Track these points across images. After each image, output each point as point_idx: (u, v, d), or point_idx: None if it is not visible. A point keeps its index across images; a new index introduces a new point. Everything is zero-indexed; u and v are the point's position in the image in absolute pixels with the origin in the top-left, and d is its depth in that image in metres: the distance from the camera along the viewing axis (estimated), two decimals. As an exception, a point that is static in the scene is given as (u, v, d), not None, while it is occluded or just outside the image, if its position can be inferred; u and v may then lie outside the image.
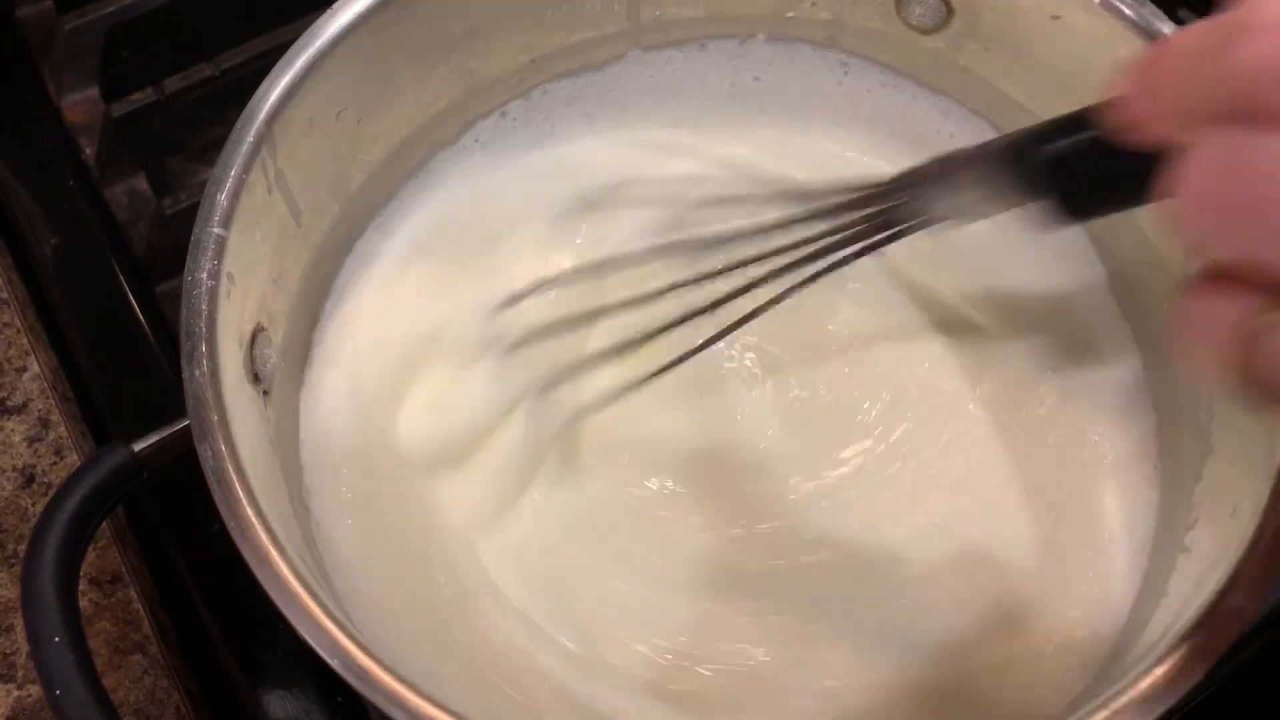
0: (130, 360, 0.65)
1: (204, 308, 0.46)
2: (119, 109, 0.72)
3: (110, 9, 0.70)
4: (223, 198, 0.49)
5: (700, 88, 0.68)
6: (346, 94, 0.56)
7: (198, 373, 0.44)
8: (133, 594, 0.61)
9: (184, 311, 0.46)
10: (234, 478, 0.42)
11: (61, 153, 0.70)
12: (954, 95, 0.66)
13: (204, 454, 0.42)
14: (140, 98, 0.73)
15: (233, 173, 0.49)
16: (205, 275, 0.47)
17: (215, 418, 0.44)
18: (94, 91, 0.70)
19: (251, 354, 0.50)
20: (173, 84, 0.74)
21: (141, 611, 0.61)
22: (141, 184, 0.69)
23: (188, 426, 0.44)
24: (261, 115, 0.51)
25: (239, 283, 0.49)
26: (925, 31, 0.63)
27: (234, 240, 0.49)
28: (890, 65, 0.66)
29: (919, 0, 0.61)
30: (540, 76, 0.66)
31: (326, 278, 0.61)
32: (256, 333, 0.51)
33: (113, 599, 0.61)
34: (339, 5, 0.54)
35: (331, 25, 0.53)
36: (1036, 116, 0.61)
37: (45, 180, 0.69)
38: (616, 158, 0.67)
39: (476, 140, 0.66)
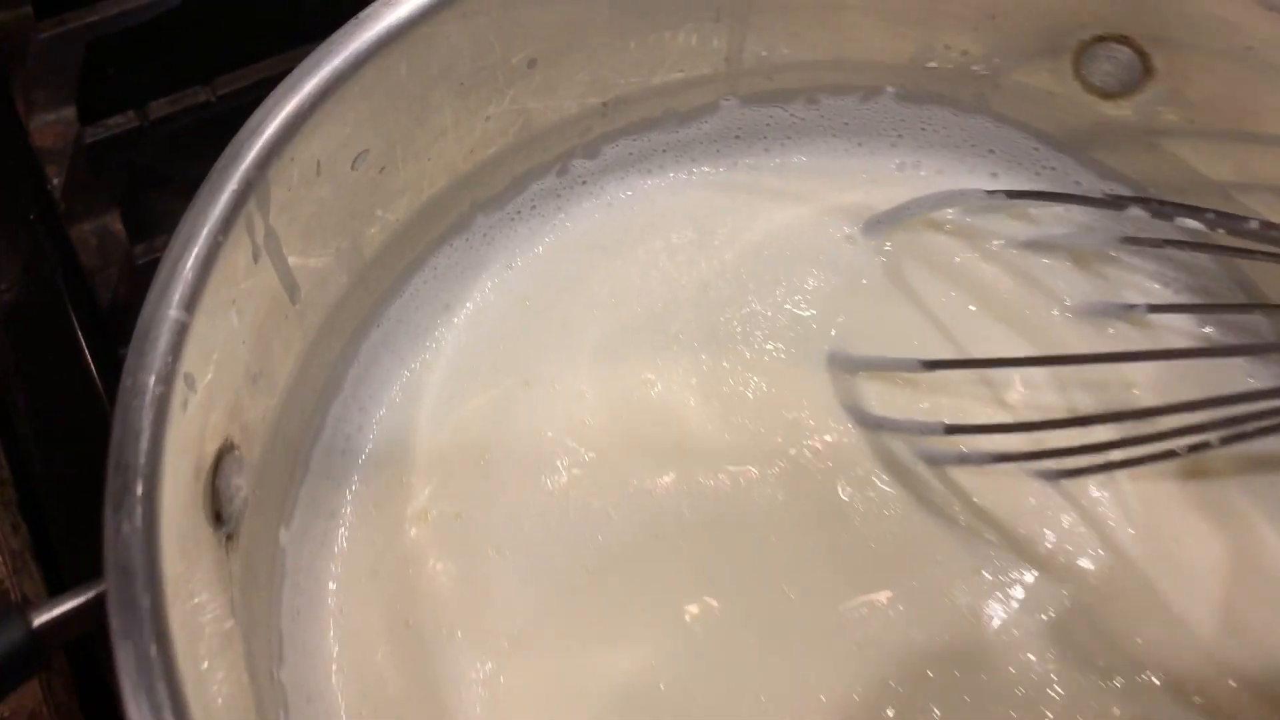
0: (88, 451, 0.51)
1: (145, 427, 0.32)
2: (94, 134, 0.61)
3: (93, 18, 0.60)
4: (187, 268, 0.35)
5: (808, 148, 0.55)
6: (368, 132, 0.43)
7: (125, 526, 0.31)
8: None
9: (116, 434, 0.32)
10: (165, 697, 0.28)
11: (25, 181, 0.60)
12: (1130, 176, 0.52)
13: (124, 668, 0.28)
14: (119, 122, 0.61)
15: (204, 233, 0.36)
16: (152, 379, 0.33)
17: (147, 603, 0.29)
18: (69, 112, 0.60)
19: (213, 485, 0.36)
20: (159, 108, 0.62)
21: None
22: (115, 224, 0.59)
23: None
24: (251, 156, 0.37)
25: (201, 386, 0.35)
26: (1109, 95, 0.49)
27: (199, 328, 0.35)
28: (1050, 135, 0.53)
29: (1108, 56, 0.48)
30: (611, 125, 0.53)
31: (332, 373, 0.47)
32: (222, 454, 0.37)
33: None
34: (366, 14, 0.41)
35: (354, 41, 0.40)
36: (1246, 210, 0.48)
37: (2, 212, 0.59)
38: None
39: (531, 204, 0.53)
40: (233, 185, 0.36)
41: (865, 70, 0.53)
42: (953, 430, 0.48)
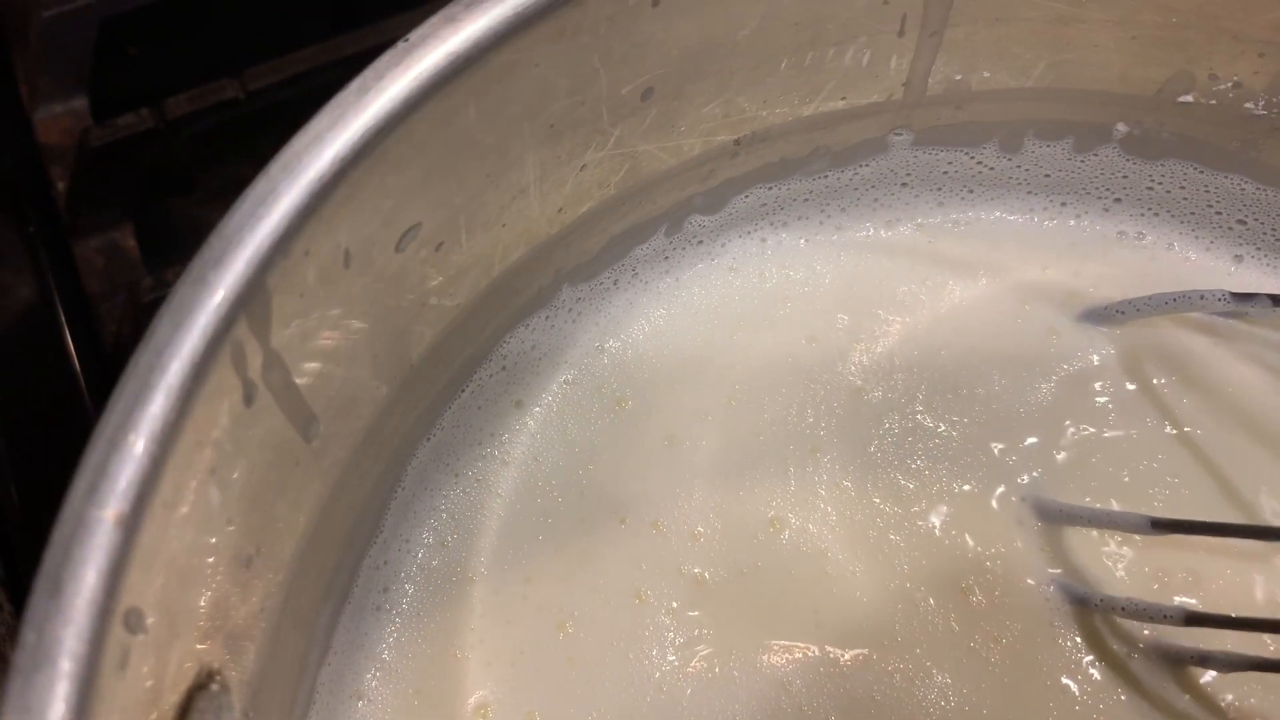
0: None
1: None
2: (103, 135, 0.52)
3: (107, -6, 0.50)
4: (136, 447, 0.23)
5: (998, 206, 0.42)
6: (420, 201, 0.30)
7: None
8: None
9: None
10: None
11: (25, 183, 0.52)
12: None
13: None
14: (131, 123, 0.51)
15: (167, 386, 0.23)
16: (71, 636, 0.21)
17: None
18: (79, 103, 0.52)
19: (175, 749, 0.24)
20: (178, 105, 0.52)
21: None
22: (126, 240, 0.51)
23: None
24: (241, 262, 0.25)
25: (157, 619, 0.23)
26: None
27: (151, 531, 0.23)
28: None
29: None
30: (742, 168, 0.40)
31: (363, 514, 0.35)
32: (193, 698, 0.25)
33: None
34: (420, 35, 0.28)
35: (402, 76, 0.27)
36: None
37: (-2, 220, 0.51)
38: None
39: (633, 270, 0.40)
40: (209, 312, 0.24)
41: (1091, 104, 0.39)
42: (1195, 620, 0.35)
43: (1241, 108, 0.38)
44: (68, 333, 0.48)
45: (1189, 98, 0.38)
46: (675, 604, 0.36)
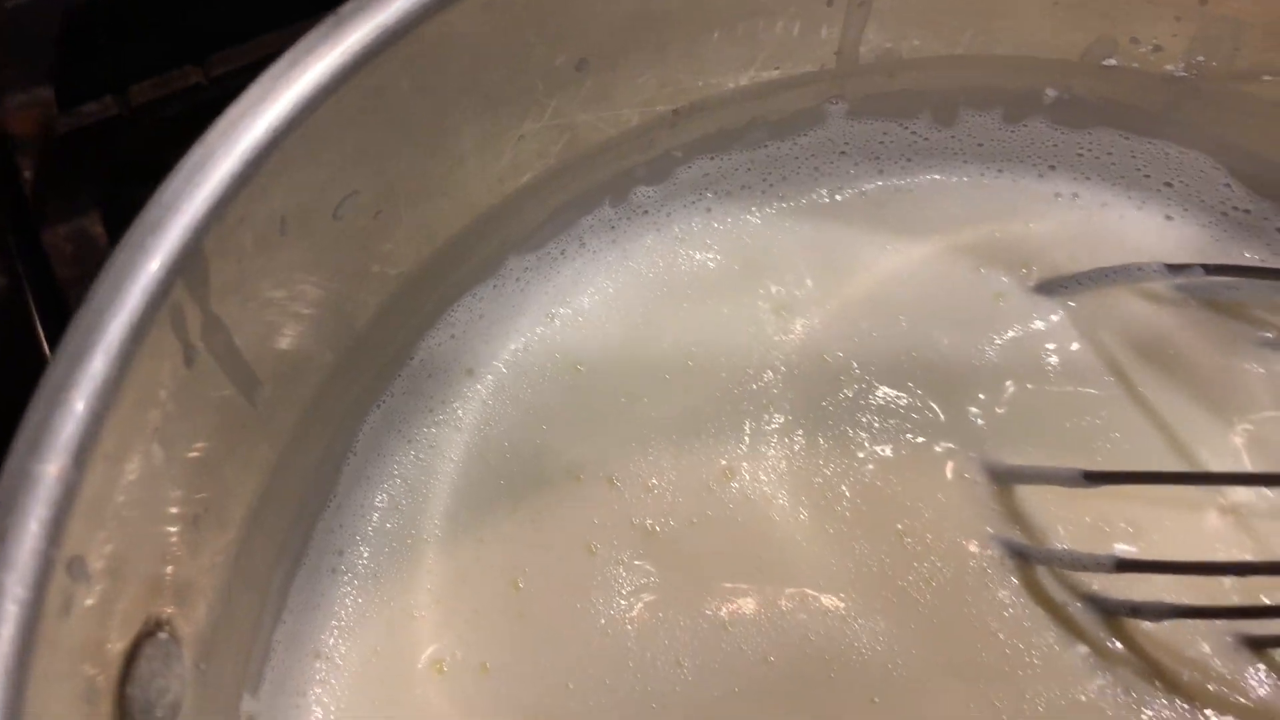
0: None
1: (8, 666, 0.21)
2: (69, 123, 0.52)
3: (70, -17, 0.50)
4: (76, 403, 0.24)
5: (936, 169, 0.43)
6: (356, 170, 0.31)
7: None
8: None
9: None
10: None
11: None
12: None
13: None
14: (96, 110, 0.51)
15: (107, 347, 0.24)
16: (13, 582, 0.22)
17: None
18: (45, 92, 0.51)
19: (122, 697, 0.25)
20: (143, 92, 0.52)
21: None
22: (94, 226, 0.51)
23: None
24: (182, 224, 0.26)
25: (101, 568, 0.24)
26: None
27: (93, 483, 0.24)
28: (1249, 169, 0.40)
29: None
30: (683, 138, 0.41)
31: (315, 477, 0.36)
32: (141, 644, 0.26)
33: None
34: (349, 9, 0.29)
35: (332, 49, 0.28)
36: None
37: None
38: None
39: (579, 241, 0.41)
40: (152, 271, 0.25)
41: (1019, 70, 0.40)
42: (1126, 567, 0.36)
43: (1162, 70, 0.39)
44: (38, 320, 0.48)
45: (1112, 61, 0.39)
46: (625, 555, 0.37)
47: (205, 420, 0.29)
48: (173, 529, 0.28)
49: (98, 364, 0.24)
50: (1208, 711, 0.35)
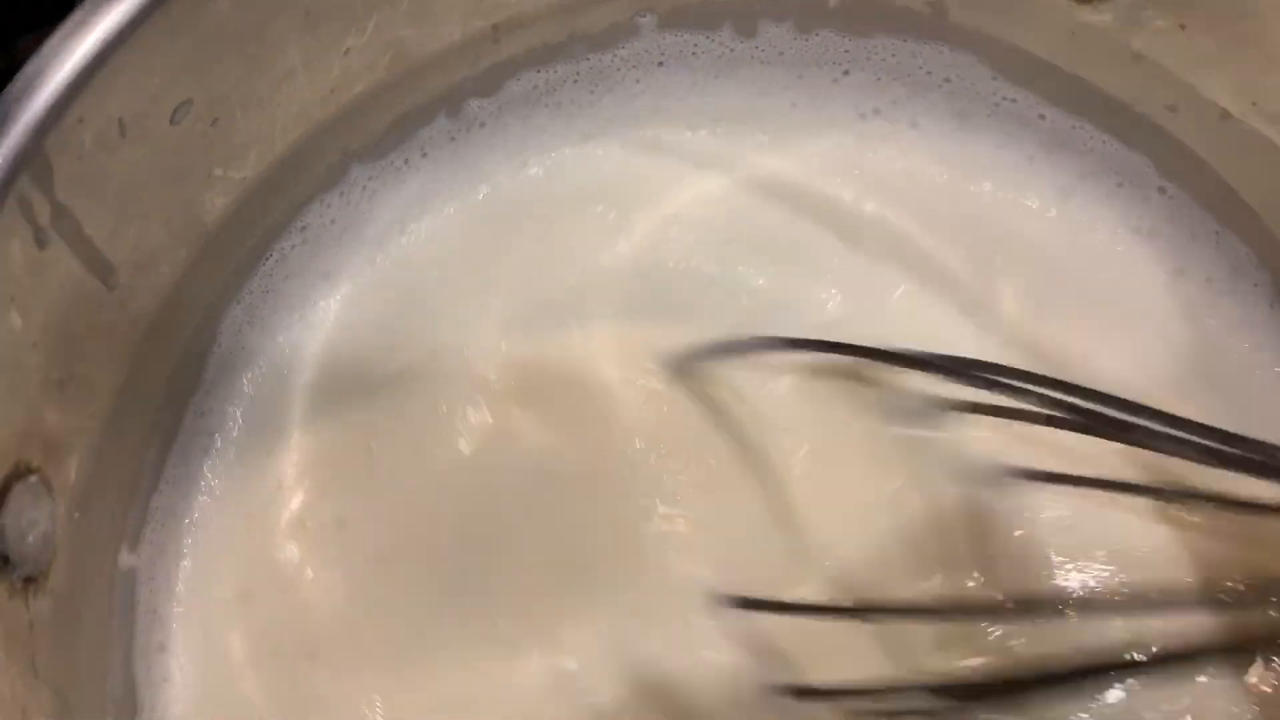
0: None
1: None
2: None
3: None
4: (-69, 270, 0.28)
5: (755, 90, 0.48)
6: (187, 80, 0.35)
7: None
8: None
9: None
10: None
11: None
12: (1106, 91, 0.45)
13: None
14: None
15: (-43, 222, 0.29)
16: (-118, 412, 0.27)
17: None
18: None
19: (-4, 522, 0.30)
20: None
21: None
22: None
23: None
24: (21, 121, 0.30)
25: (-33, 409, 0.29)
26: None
27: None
28: (1009, 63, 0.46)
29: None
30: (506, 53, 0.45)
31: (182, 360, 0.40)
32: (11, 483, 0.31)
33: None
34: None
35: (150, -30, 0.32)
36: (1257, 139, 0.41)
37: None
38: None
39: (421, 151, 0.46)
40: (-4, 160, 0.30)
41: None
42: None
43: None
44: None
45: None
46: (469, 410, 0.42)
47: (61, 296, 0.33)
48: (36, 388, 0.32)
49: (-50, 237, 0.29)
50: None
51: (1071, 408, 0.36)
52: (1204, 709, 0.38)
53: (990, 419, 0.41)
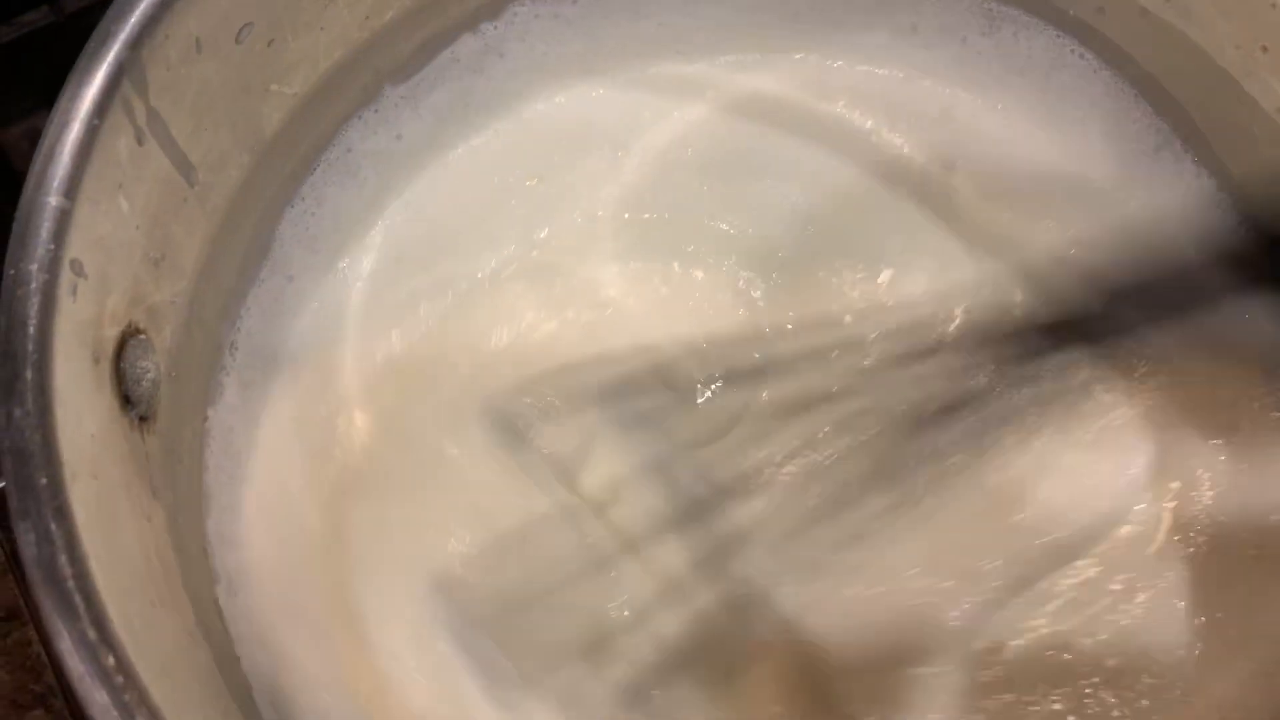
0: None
1: (32, 315, 0.33)
2: (8, 33, 0.59)
3: None
4: (64, 153, 0.35)
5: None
6: (249, 5, 0.42)
7: (17, 412, 0.31)
8: (31, 634, 0.49)
9: (1, 323, 0.32)
10: (73, 587, 0.29)
11: None
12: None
13: (25, 546, 0.29)
14: (33, 19, 0.59)
15: (80, 117, 0.35)
16: (34, 267, 0.33)
17: (44, 481, 0.30)
18: None
19: (118, 368, 0.37)
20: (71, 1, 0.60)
21: (43, 656, 0.49)
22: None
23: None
24: (122, 36, 0.37)
25: (93, 272, 0.36)
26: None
27: (82, 214, 0.35)
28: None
29: None
30: (515, -21, 0.52)
31: (247, 255, 0.47)
32: (127, 338, 0.38)
33: (8, 640, 0.49)
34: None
35: (219, -91, 0.39)
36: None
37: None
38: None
39: (443, 74, 0.52)
40: (104, 69, 0.36)
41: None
42: None
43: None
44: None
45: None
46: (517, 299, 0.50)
47: (155, 187, 0.40)
48: (140, 262, 0.39)
49: (76, 131, 0.35)
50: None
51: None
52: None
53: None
